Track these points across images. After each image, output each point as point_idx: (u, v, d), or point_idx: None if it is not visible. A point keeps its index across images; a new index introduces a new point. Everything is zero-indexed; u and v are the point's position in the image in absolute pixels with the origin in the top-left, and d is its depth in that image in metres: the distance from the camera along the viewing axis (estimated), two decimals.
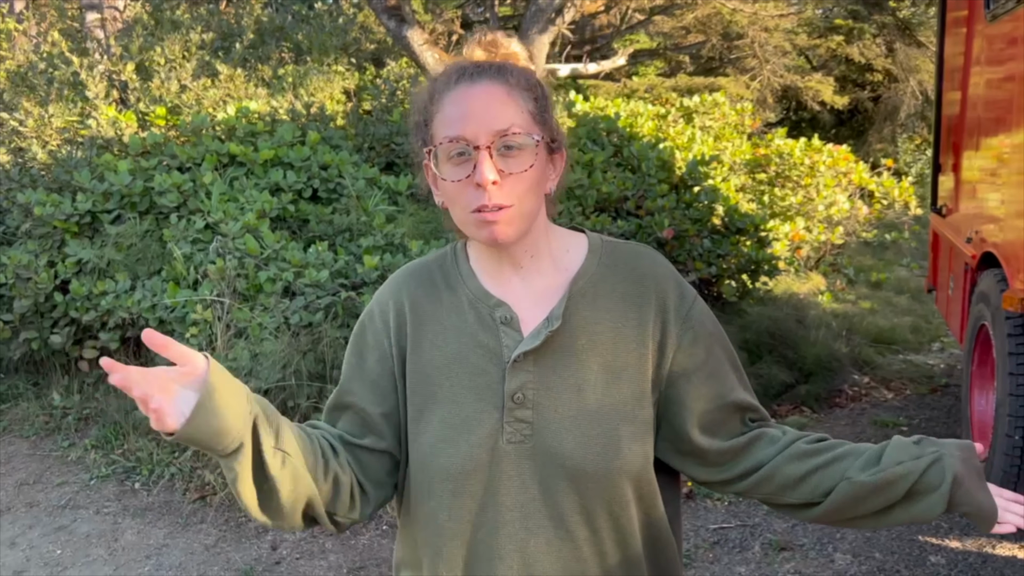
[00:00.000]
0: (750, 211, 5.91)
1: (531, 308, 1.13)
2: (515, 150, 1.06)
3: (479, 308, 1.14)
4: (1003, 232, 3.51)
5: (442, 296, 1.16)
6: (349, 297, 4.01)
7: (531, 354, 1.09)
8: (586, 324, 1.12)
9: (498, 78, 1.08)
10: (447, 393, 1.11)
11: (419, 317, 1.16)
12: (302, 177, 4.95)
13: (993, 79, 3.92)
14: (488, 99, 1.06)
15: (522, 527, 1.09)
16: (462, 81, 1.08)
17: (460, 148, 1.05)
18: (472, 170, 1.05)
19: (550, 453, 1.08)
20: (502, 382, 1.10)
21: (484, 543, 1.10)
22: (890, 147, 13.03)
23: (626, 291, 1.14)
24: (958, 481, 1.07)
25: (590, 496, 1.08)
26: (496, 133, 1.05)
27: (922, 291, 7.01)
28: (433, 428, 1.11)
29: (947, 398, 5.02)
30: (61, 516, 3.71)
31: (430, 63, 6.29)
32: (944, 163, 5.04)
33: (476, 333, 1.12)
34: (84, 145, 5.22)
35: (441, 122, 1.08)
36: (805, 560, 3.28)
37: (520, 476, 1.09)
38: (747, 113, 8.20)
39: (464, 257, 1.19)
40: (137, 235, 4.60)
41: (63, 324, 4.66)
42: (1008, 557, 3.26)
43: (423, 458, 1.11)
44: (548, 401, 1.09)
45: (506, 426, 1.09)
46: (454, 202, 1.09)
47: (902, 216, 8.55)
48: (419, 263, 1.22)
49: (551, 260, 1.15)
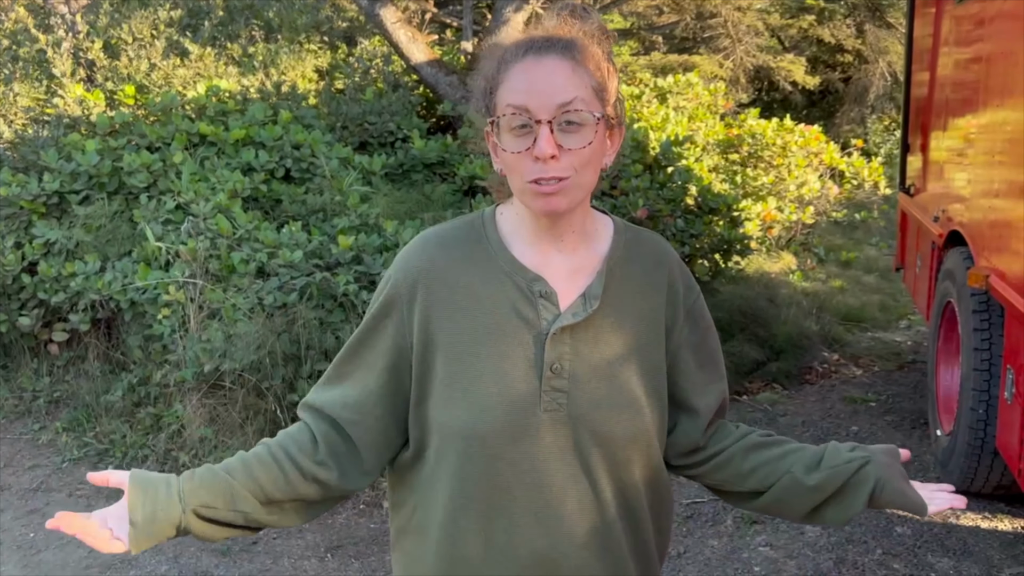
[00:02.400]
0: (723, 191, 5.96)
1: (565, 282, 1.17)
2: (575, 125, 1.08)
3: (516, 280, 1.16)
4: (969, 211, 3.58)
5: (475, 265, 1.17)
6: (324, 278, 3.99)
7: (568, 328, 1.15)
8: (615, 302, 1.18)
9: (565, 53, 1.10)
10: (485, 363, 1.14)
11: (449, 286, 1.16)
12: (274, 157, 4.90)
13: (961, 60, 3.98)
14: (553, 74, 1.08)
15: (559, 490, 1.14)
16: (530, 54, 1.10)
17: (522, 120, 1.08)
18: (532, 143, 1.07)
19: (584, 420, 1.14)
20: (541, 353, 1.14)
21: (519, 506, 1.14)
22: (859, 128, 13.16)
23: (647, 274, 1.21)
24: (881, 483, 1.20)
25: (618, 460, 1.16)
26: (558, 108, 1.07)
27: (890, 270, 7.12)
28: (471, 396, 1.13)
29: (914, 374, 5.12)
30: (33, 499, 3.68)
31: (403, 41, 6.23)
32: (912, 143, 5.11)
33: (515, 304, 1.15)
34: (51, 124, 5.13)
35: (506, 91, 1.10)
36: (776, 533, 3.35)
37: (556, 442, 1.14)
38: (720, 93, 8.23)
39: (494, 227, 1.20)
40: (106, 216, 4.54)
41: (32, 306, 4.59)
42: (971, 527, 3.36)
43: (458, 424, 1.13)
44: (582, 372, 1.15)
45: (543, 395, 1.13)
46: (512, 171, 1.12)
47: (871, 196, 8.65)
48: (445, 230, 1.23)
49: (585, 237, 1.20)
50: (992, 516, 3.42)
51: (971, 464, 3.38)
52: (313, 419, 1.22)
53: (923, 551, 3.20)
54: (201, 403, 3.84)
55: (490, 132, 1.15)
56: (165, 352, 4.07)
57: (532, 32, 1.15)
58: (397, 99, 6.08)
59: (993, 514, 3.43)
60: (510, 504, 1.14)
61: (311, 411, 1.23)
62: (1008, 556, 3.15)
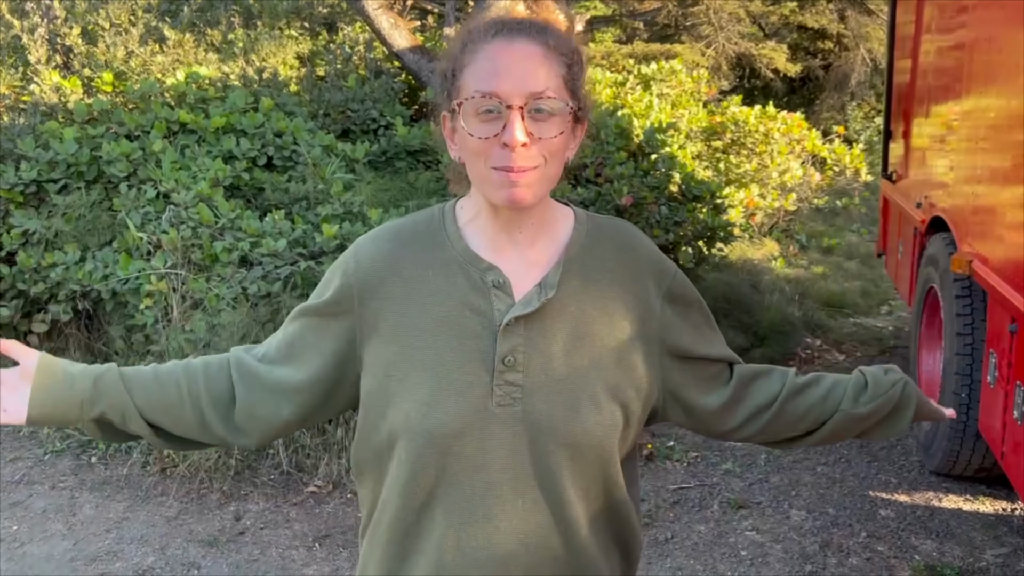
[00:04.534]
0: (706, 178, 5.97)
1: (522, 273, 1.13)
2: (546, 114, 1.04)
3: (469, 271, 1.12)
4: (952, 197, 3.61)
5: (428, 257, 1.14)
6: (308, 267, 3.96)
7: (522, 319, 1.10)
8: (576, 292, 1.13)
9: (537, 38, 1.06)
10: (435, 356, 1.10)
11: (403, 278, 1.13)
12: (256, 144, 4.85)
13: (943, 47, 4.00)
14: (525, 58, 1.04)
15: (511, 489, 1.09)
16: (500, 36, 1.06)
17: (490, 105, 1.03)
18: (501, 129, 1.03)
19: (539, 416, 1.09)
20: (493, 345, 1.09)
21: (472, 505, 1.10)
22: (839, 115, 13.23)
23: (613, 263, 1.16)
24: (919, 401, 1.31)
25: (575, 459, 1.10)
26: (530, 95, 1.03)
27: (871, 256, 7.18)
28: (421, 391, 1.09)
29: (896, 359, 5.17)
30: (15, 492, 3.64)
31: (385, 27, 6.18)
32: (895, 130, 5.14)
33: (466, 295, 1.11)
34: (27, 112, 5.04)
35: (473, 75, 1.05)
36: (762, 517, 3.38)
37: (509, 439, 1.09)
38: (703, 80, 8.24)
39: (452, 219, 1.17)
40: (86, 205, 4.48)
41: (10, 297, 4.52)
42: (953, 509, 3.40)
43: (409, 421, 1.09)
44: (537, 365, 1.10)
45: (496, 389, 1.09)
46: (475, 158, 1.07)
47: (852, 183, 8.71)
48: (401, 223, 1.19)
49: (544, 228, 1.16)
50: (974, 498, 3.46)
51: (953, 447, 3.42)
52: (243, 384, 1.18)
53: (906, 533, 3.24)
54: None
55: (447, 117, 1.11)
56: (148, 343, 4.03)
57: (501, 15, 1.10)
58: (380, 86, 6.04)
59: (975, 496, 3.48)
60: (460, 502, 1.10)
61: (246, 375, 1.19)
62: (990, 537, 3.19)
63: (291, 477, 3.67)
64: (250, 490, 3.60)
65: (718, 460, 3.88)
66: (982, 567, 3.02)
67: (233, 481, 3.64)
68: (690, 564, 3.07)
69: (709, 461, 3.87)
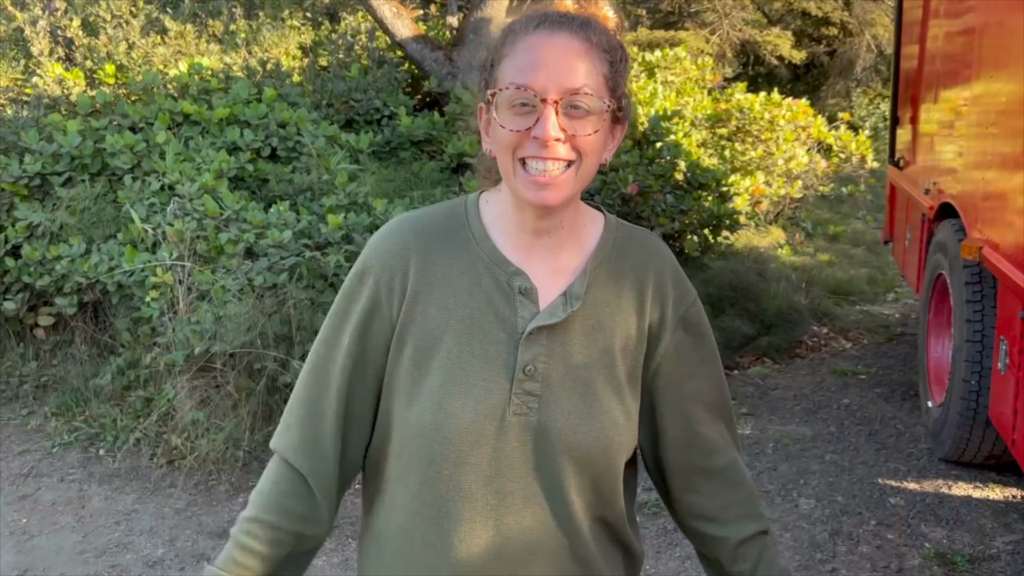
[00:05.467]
0: (711, 166, 5.94)
1: (548, 280, 1.10)
2: (582, 111, 1.01)
3: (495, 273, 1.09)
4: (961, 183, 3.58)
5: (452, 254, 1.10)
6: (314, 257, 3.95)
7: (545, 328, 1.07)
8: (598, 304, 1.10)
9: (579, 33, 1.02)
10: (455, 358, 1.06)
11: (426, 276, 1.09)
12: (259, 135, 4.83)
13: (951, 31, 3.96)
14: (564, 53, 1.00)
15: (521, 498, 1.08)
16: (541, 28, 1.02)
17: (525, 98, 1.00)
18: (534, 123, 1.00)
19: (554, 427, 1.07)
20: (514, 353, 1.07)
21: (484, 514, 1.08)
22: (844, 101, 13.16)
23: (634, 278, 1.13)
24: None
25: (586, 469, 1.09)
26: (566, 90, 1.00)
27: (878, 243, 7.15)
28: (437, 394, 1.06)
29: (902, 346, 5.16)
30: (24, 485, 3.65)
31: (387, 17, 6.15)
32: (902, 116, 5.11)
33: (492, 298, 1.08)
34: (30, 104, 5.03)
35: (510, 66, 1.02)
36: (771, 506, 3.37)
37: (522, 448, 1.07)
38: (707, 68, 8.19)
39: (477, 215, 1.12)
40: (90, 198, 4.47)
41: (16, 290, 4.52)
42: (963, 497, 3.39)
43: (422, 424, 1.06)
44: (556, 376, 1.08)
45: (514, 397, 1.06)
46: (506, 150, 1.03)
47: (858, 170, 8.65)
48: (422, 216, 1.15)
49: (573, 233, 1.12)
50: (984, 486, 3.45)
51: (963, 434, 3.41)
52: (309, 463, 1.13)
53: (916, 521, 3.23)
54: (192, 385, 3.81)
55: (483, 108, 1.07)
56: (154, 335, 4.02)
57: (546, 7, 1.06)
58: (382, 76, 6.01)
59: (984, 483, 3.46)
60: (471, 510, 1.08)
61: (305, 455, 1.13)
62: (1000, 525, 3.18)
63: None
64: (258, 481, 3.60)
65: None
66: (992, 554, 3.01)
67: (241, 472, 3.64)
68: None
69: None
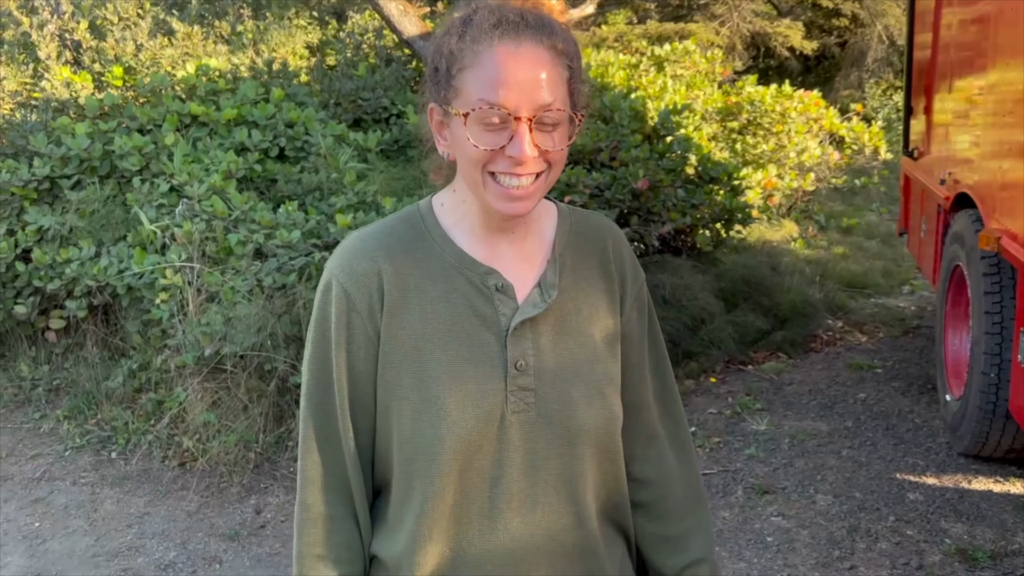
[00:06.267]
0: (723, 160, 5.89)
1: (518, 273, 1.11)
2: (551, 125, 1.01)
3: (468, 275, 1.09)
4: (978, 173, 3.52)
5: (421, 264, 1.09)
6: (323, 257, 3.93)
7: (528, 321, 1.08)
8: (570, 289, 1.13)
9: (544, 40, 1.00)
10: (445, 367, 1.06)
11: (400, 289, 1.08)
12: (267, 136, 4.82)
13: (965, 19, 3.90)
14: (533, 66, 0.99)
15: (530, 495, 1.08)
16: (505, 37, 0.99)
17: (497, 115, 0.99)
18: (507, 141, 0.99)
19: (554, 418, 1.08)
20: (503, 351, 1.07)
21: (494, 515, 1.08)
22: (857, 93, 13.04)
23: (599, 258, 1.16)
24: None
25: (589, 454, 1.11)
26: (538, 107, 0.99)
27: (892, 235, 7.08)
28: (434, 405, 1.05)
29: (919, 339, 5.09)
30: (37, 488, 3.65)
31: (394, 14, 6.12)
32: (916, 106, 5.04)
33: (470, 301, 1.08)
34: (39, 108, 5.04)
35: (476, 80, 1.00)
36: (788, 502, 3.32)
37: (527, 444, 1.08)
38: (718, 61, 8.13)
39: (435, 220, 1.11)
40: (99, 200, 4.46)
41: (27, 294, 4.53)
42: (984, 491, 3.34)
43: (424, 436, 1.05)
44: (547, 366, 1.09)
45: (510, 395, 1.07)
46: (475, 165, 1.02)
47: (871, 161, 8.57)
48: (378, 229, 1.13)
49: (532, 225, 1.14)
50: (1004, 480, 3.39)
51: (983, 428, 3.35)
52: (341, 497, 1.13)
53: (936, 517, 3.18)
54: (203, 387, 3.80)
55: (436, 110, 1.05)
56: (164, 337, 4.01)
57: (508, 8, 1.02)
58: (390, 74, 5.99)
59: (1005, 478, 3.41)
60: (479, 514, 1.08)
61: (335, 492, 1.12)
62: (1022, 520, 3.13)
63: None
64: (270, 483, 3.59)
65: (741, 445, 3.83)
66: (1014, 549, 2.96)
67: (253, 474, 3.63)
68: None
69: (732, 447, 3.82)
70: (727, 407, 4.23)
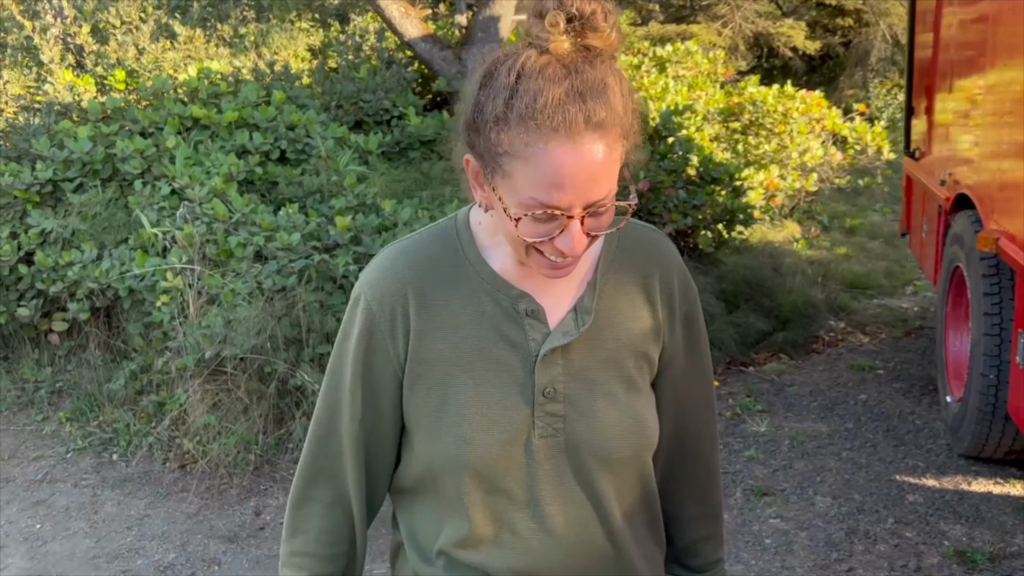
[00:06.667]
0: (724, 160, 5.88)
1: (554, 296, 1.07)
2: (604, 210, 0.97)
3: (498, 299, 1.06)
4: (977, 173, 3.51)
5: (451, 284, 1.07)
6: (323, 260, 3.94)
7: (560, 348, 1.06)
8: (609, 313, 1.09)
9: (599, 135, 0.93)
10: (471, 391, 1.05)
11: (427, 311, 1.06)
12: (269, 138, 4.83)
13: (966, 19, 3.89)
14: (590, 167, 0.93)
15: (562, 520, 1.07)
16: (560, 132, 0.91)
17: (550, 213, 0.95)
18: (557, 233, 0.96)
19: (583, 444, 1.06)
20: (531, 376, 1.05)
21: (519, 539, 1.07)
22: (861, 92, 13.01)
23: (642, 280, 1.11)
24: None
25: (622, 479, 1.10)
26: (591, 204, 0.95)
27: (895, 236, 7.05)
28: (459, 428, 1.04)
29: (921, 340, 5.08)
30: (38, 490, 3.67)
31: (396, 17, 6.14)
32: (917, 106, 5.03)
33: (499, 325, 1.06)
34: (41, 112, 5.06)
35: (528, 177, 0.93)
36: (787, 504, 3.32)
37: (555, 469, 1.06)
38: (720, 61, 8.12)
39: (470, 238, 1.09)
40: (101, 203, 4.49)
41: (30, 296, 4.55)
42: (983, 493, 3.33)
43: (448, 459, 1.05)
44: (577, 393, 1.06)
45: (537, 420, 1.05)
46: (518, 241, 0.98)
47: (875, 162, 8.54)
48: (412, 245, 1.10)
49: None
50: (1004, 481, 3.38)
51: (982, 430, 3.35)
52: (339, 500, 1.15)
53: (935, 519, 3.17)
54: (203, 389, 3.81)
55: (472, 162, 0.99)
56: (165, 339, 4.03)
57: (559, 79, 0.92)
58: (391, 76, 6.00)
59: (1005, 479, 3.40)
60: (509, 537, 1.07)
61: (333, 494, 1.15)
62: (1021, 521, 3.12)
63: None
64: (270, 484, 3.60)
65: (741, 447, 3.82)
66: (1014, 551, 2.95)
67: (253, 476, 3.64)
68: None
69: (731, 448, 3.82)
70: (727, 408, 4.23)
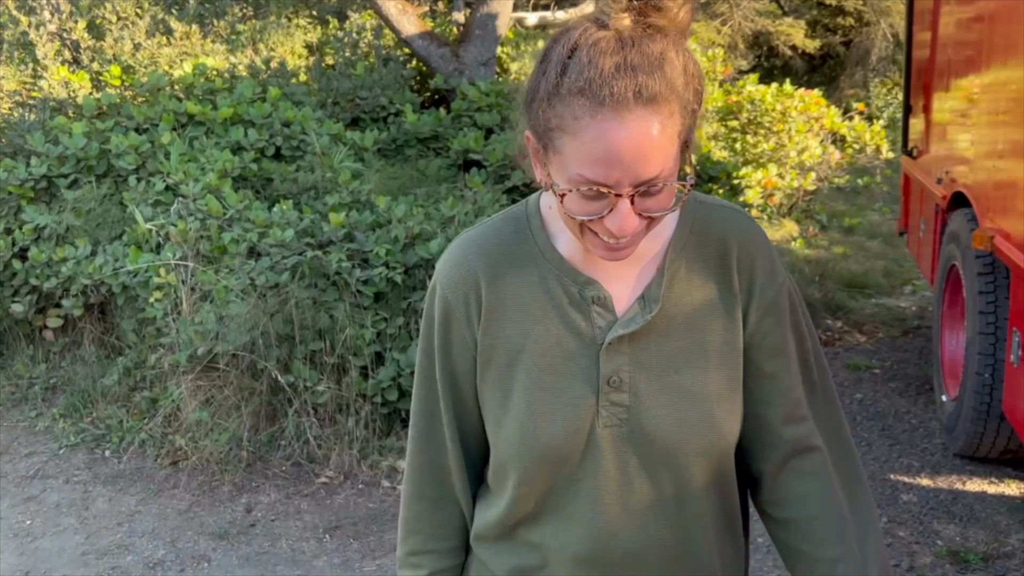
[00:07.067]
0: (723, 159, 5.87)
1: (622, 282, 1.05)
2: (657, 189, 0.93)
3: (566, 285, 1.05)
4: (973, 172, 3.50)
5: (520, 270, 1.06)
6: (316, 256, 3.93)
7: (626, 336, 1.03)
8: (679, 300, 1.05)
9: (651, 110, 0.89)
10: (535, 377, 1.04)
11: (497, 296, 1.06)
12: (264, 135, 4.83)
13: (963, 18, 3.87)
14: (639, 143, 0.89)
15: (622, 510, 1.05)
16: (608, 107, 0.89)
17: (597, 191, 0.92)
18: (606, 212, 0.93)
19: (648, 435, 1.04)
20: (596, 365, 1.04)
21: (581, 528, 1.06)
22: (862, 92, 12.99)
23: (717, 263, 1.06)
24: None
25: (691, 474, 1.06)
26: (642, 182, 0.92)
27: (894, 235, 7.04)
28: (523, 414, 1.04)
29: (919, 340, 5.06)
30: (30, 486, 3.66)
31: (393, 14, 6.12)
32: (915, 105, 5.01)
33: (565, 312, 1.05)
34: (36, 107, 5.05)
35: (575, 153, 0.91)
36: None
37: (617, 459, 1.04)
38: (718, 60, 8.10)
39: (540, 224, 1.07)
40: (96, 199, 4.48)
41: (24, 292, 4.54)
42: (977, 493, 3.31)
43: (512, 445, 1.05)
44: (644, 383, 1.04)
45: (602, 410, 1.04)
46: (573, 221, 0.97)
47: (874, 161, 8.53)
48: (483, 232, 1.10)
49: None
50: (999, 481, 3.37)
51: (977, 429, 3.33)
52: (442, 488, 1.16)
53: (929, 518, 3.15)
54: (196, 385, 3.80)
55: (532, 138, 0.98)
56: (159, 335, 4.02)
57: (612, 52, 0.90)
58: (389, 73, 5.99)
59: (1000, 479, 3.38)
60: (570, 525, 1.07)
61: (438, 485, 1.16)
62: (1015, 521, 3.10)
63: (302, 468, 3.65)
64: (261, 481, 3.59)
65: None
66: (1007, 552, 2.93)
67: (245, 473, 3.63)
68: None
69: None
70: None
